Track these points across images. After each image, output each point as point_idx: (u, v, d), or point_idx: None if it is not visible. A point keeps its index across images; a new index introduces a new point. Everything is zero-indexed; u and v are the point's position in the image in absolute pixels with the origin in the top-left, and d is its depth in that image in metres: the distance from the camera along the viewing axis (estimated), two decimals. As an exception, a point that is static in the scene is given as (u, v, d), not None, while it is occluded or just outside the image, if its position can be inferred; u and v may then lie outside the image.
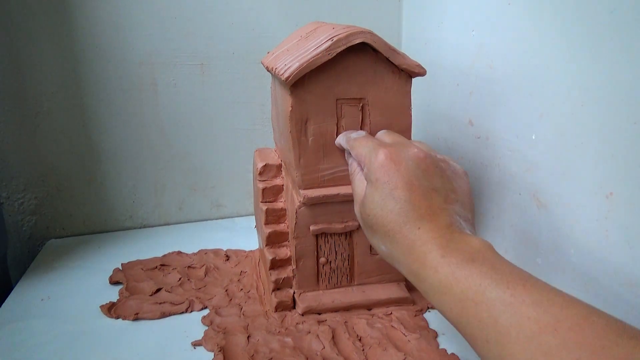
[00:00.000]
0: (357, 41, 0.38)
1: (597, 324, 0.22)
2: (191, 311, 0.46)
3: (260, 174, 0.47)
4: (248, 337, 0.41)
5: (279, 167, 0.48)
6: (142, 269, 0.52)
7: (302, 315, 0.44)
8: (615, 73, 0.34)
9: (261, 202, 0.47)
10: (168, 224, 0.67)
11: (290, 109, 0.39)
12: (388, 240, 0.30)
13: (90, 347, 0.41)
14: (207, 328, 0.43)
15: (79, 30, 0.56)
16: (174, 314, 0.45)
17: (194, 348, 0.41)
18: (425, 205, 0.30)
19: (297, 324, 0.43)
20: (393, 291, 0.46)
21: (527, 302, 0.23)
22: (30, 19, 0.55)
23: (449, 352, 0.39)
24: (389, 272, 0.46)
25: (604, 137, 0.36)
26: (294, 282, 0.45)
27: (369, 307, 0.45)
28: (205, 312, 0.46)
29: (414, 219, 0.29)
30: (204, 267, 0.53)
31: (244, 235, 0.61)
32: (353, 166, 0.37)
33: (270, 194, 0.47)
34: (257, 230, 0.52)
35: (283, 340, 0.41)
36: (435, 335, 0.42)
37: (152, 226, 0.66)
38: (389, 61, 0.40)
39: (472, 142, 0.53)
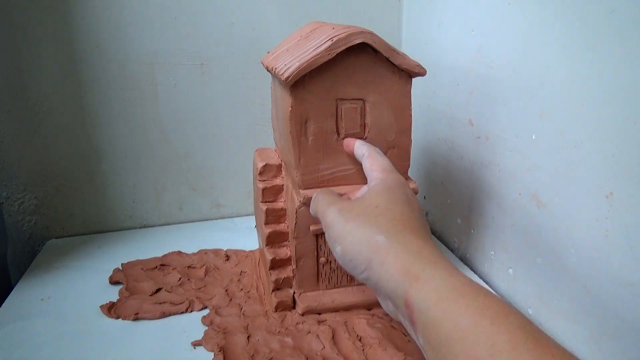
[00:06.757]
0: (357, 41, 0.38)
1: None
2: (191, 311, 0.46)
3: (260, 174, 0.47)
4: (248, 337, 0.41)
5: (279, 167, 0.48)
6: (142, 269, 0.52)
7: (302, 315, 0.44)
8: (615, 73, 0.34)
9: (261, 202, 0.47)
10: (168, 224, 0.67)
11: (290, 109, 0.39)
12: (390, 229, 0.33)
13: (90, 347, 0.41)
14: (207, 328, 0.43)
15: (79, 30, 0.56)
16: (174, 314, 0.45)
17: (194, 348, 0.41)
18: (416, 218, 0.35)
19: (297, 324, 0.43)
20: (393, 291, 0.46)
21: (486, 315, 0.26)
22: (30, 19, 0.55)
23: (449, 352, 0.39)
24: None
25: (604, 137, 0.36)
26: (294, 282, 0.45)
27: (369, 307, 0.45)
28: (205, 312, 0.46)
29: (414, 218, 0.34)
30: (204, 267, 0.53)
31: (244, 235, 0.61)
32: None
33: (270, 194, 0.47)
34: (257, 230, 0.52)
35: (283, 340, 0.41)
36: (435, 335, 0.42)
37: (152, 226, 0.66)
38: (389, 61, 0.40)
39: (472, 142, 0.53)
